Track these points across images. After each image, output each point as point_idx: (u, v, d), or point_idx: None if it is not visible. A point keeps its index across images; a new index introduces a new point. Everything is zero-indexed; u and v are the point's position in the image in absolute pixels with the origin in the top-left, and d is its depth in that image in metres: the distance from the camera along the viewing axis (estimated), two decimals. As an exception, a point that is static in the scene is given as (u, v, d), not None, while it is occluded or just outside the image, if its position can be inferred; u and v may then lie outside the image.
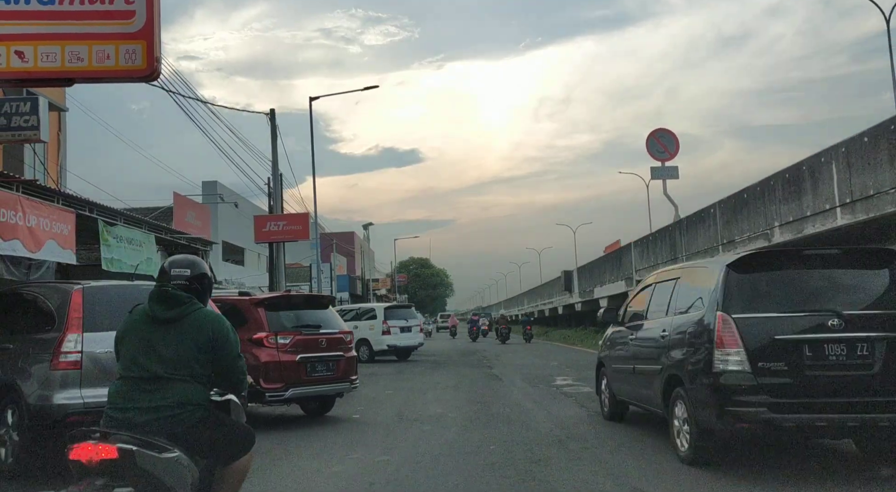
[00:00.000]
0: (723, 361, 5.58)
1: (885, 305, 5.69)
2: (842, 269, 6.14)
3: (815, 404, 5.36)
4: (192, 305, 3.35)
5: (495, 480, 5.71)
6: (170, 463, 2.95)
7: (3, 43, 10.28)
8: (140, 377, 3.20)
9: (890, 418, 5.28)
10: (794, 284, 5.95)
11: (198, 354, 3.25)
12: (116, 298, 6.56)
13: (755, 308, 5.71)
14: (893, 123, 10.01)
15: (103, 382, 5.96)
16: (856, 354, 5.46)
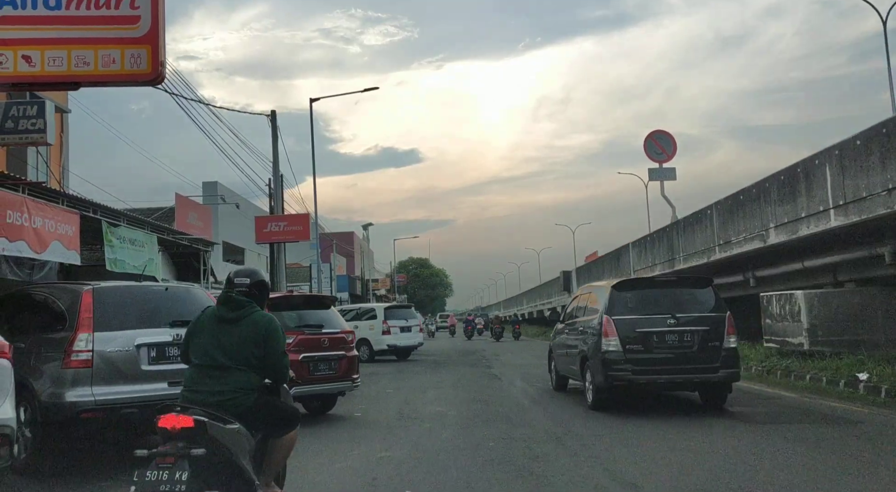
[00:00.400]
0: (606, 345, 9.20)
1: (701, 311, 9.44)
2: (678, 288, 9.91)
3: (658, 369, 9.09)
4: (251, 308, 4.10)
5: (494, 475, 5.88)
6: (232, 433, 3.70)
7: (10, 47, 10.47)
8: (208, 365, 3.95)
9: (700, 377, 9.16)
10: (648, 297, 9.62)
11: (253, 349, 3.97)
12: (125, 299, 6.75)
13: (625, 312, 9.37)
14: (885, 126, 10.18)
15: (113, 380, 6.17)
16: (684, 340, 9.13)
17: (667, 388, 9.81)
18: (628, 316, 9.25)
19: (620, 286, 9.85)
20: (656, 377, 9.11)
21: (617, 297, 9.55)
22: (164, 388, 6.36)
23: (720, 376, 9.08)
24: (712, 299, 9.63)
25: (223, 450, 3.62)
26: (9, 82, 10.48)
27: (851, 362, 11.24)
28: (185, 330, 6.63)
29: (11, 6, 10.33)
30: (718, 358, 9.07)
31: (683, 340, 9.07)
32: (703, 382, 9.25)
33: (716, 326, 9.21)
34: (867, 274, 12.44)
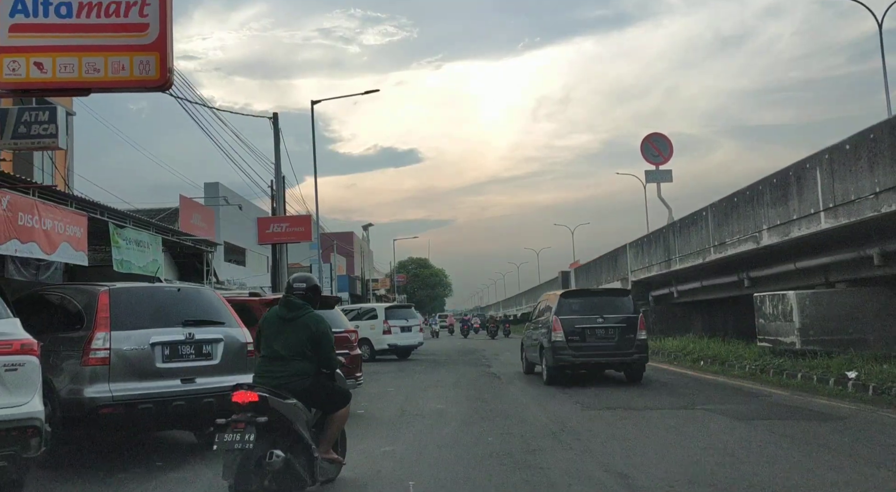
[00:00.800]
0: (555, 337, 12.63)
1: (621, 313, 12.91)
2: (606, 297, 14.12)
3: (590, 354, 12.57)
4: (305, 310, 5.16)
5: (493, 468, 6.18)
6: (290, 406, 4.80)
7: (23, 54, 10.78)
8: (272, 356, 5.06)
9: (619, 359, 12.67)
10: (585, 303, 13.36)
11: (306, 344, 5.03)
12: (140, 299, 7.04)
13: (568, 314, 12.92)
14: (872, 131, 10.47)
15: (129, 377, 6.45)
16: (608, 333, 12.67)
17: (597, 367, 13.35)
18: (570, 316, 12.82)
19: (566, 295, 13.82)
20: (589, 359, 12.74)
21: (563, 302, 13.22)
22: (178, 384, 6.65)
23: (634, 358, 12.73)
24: (630, 305, 13.37)
25: (283, 419, 4.70)
26: (21, 88, 10.82)
27: (841, 361, 11.54)
28: (196, 329, 6.97)
29: (24, 14, 10.63)
30: (633, 346, 12.68)
31: (608, 333, 12.73)
32: (622, 362, 12.90)
33: (631, 324, 12.81)
34: (857, 275, 12.73)
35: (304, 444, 4.83)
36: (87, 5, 10.57)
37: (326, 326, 5.19)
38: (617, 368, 13.27)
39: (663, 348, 19.66)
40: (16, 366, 4.53)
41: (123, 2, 10.73)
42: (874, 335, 12.54)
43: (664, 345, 19.95)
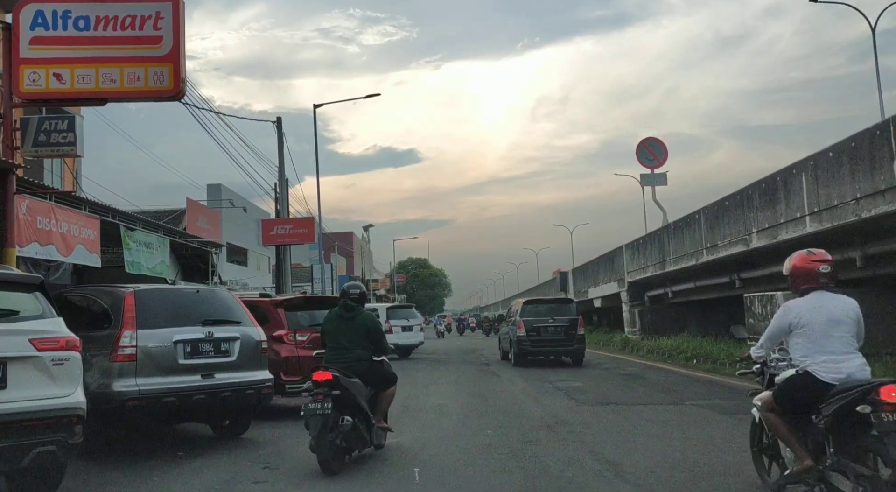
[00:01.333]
0: (519, 333, 17.55)
1: (566, 315, 17.82)
2: (557, 304, 18.82)
3: (544, 345, 17.26)
4: (359, 310, 6.90)
5: (492, 456, 6.68)
6: (354, 384, 6.34)
7: (42, 66, 11.33)
8: (337, 346, 6.70)
9: (564, 349, 17.60)
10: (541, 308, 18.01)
11: (363, 336, 6.70)
12: (162, 300, 7.54)
13: (529, 316, 17.62)
14: (854, 140, 10.97)
15: (154, 372, 6.94)
16: (557, 330, 17.36)
17: (549, 355, 17.91)
18: (530, 318, 17.61)
19: (527, 303, 18.81)
20: (543, 348, 17.53)
21: (525, 308, 18.16)
22: (198, 379, 7.14)
23: (575, 348, 17.59)
24: (574, 310, 18.32)
25: (349, 393, 6.21)
26: (41, 99, 11.33)
27: (825, 359, 12.01)
28: (214, 328, 7.46)
29: (44, 27, 11.18)
30: (574, 339, 17.53)
31: (557, 330, 17.47)
32: (566, 351, 17.70)
33: (573, 323, 17.60)
34: (842, 276, 13.20)
35: (364, 413, 6.45)
36: (104, 19, 11.13)
37: (378, 323, 7.02)
38: (563, 355, 17.96)
39: (658, 348, 20.16)
40: (62, 361, 5.02)
41: (139, 15, 11.30)
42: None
43: (659, 344, 20.44)
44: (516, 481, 5.67)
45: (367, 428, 6.49)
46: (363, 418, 6.42)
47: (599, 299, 30.69)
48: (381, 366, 6.85)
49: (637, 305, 25.03)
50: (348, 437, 6.16)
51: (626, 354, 22.23)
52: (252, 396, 7.58)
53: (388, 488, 5.61)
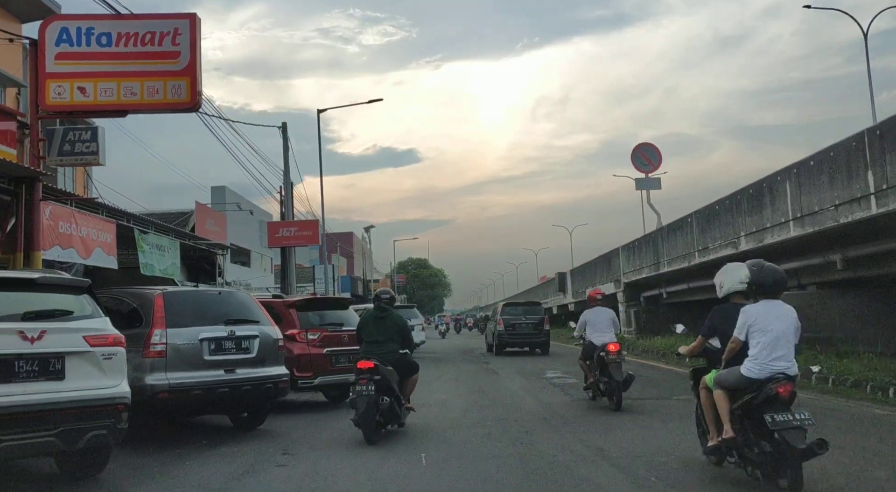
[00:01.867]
0: (498, 328, 22.98)
1: (535, 314, 23.37)
2: (528, 305, 24.64)
3: (518, 338, 22.76)
4: (390, 311, 8.28)
5: (492, 443, 7.33)
6: (388, 371, 7.77)
7: (67, 80, 12.01)
8: (373, 341, 8.05)
9: (534, 341, 22.81)
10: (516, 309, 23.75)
11: (394, 333, 8.10)
12: (188, 301, 8.19)
13: (506, 314, 23.01)
14: (833, 149, 11.62)
15: (182, 367, 7.58)
16: (528, 326, 22.76)
17: (522, 345, 22.83)
18: (507, 316, 22.73)
19: (505, 305, 24.60)
20: (517, 340, 22.44)
21: (504, 308, 23.82)
22: (221, 374, 7.79)
23: (542, 340, 22.22)
24: (541, 310, 23.51)
25: (386, 379, 7.68)
26: (66, 111, 11.99)
27: (807, 357, 12.68)
28: (236, 327, 8.09)
29: (68, 43, 11.86)
30: (542, 334, 22.25)
31: (528, 326, 22.42)
32: (535, 343, 22.39)
33: (541, 321, 22.51)
34: (824, 278, 13.88)
35: (396, 395, 7.87)
36: (125, 35, 11.80)
37: (405, 322, 8.56)
38: (533, 346, 22.77)
39: (652, 347, 20.81)
40: (111, 355, 5.65)
41: (158, 32, 11.97)
42: (839, 334, 13.68)
43: (653, 344, 21.10)
44: (512, 465, 6.31)
45: (399, 407, 7.88)
46: (395, 399, 7.81)
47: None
48: (407, 357, 8.29)
49: (633, 305, 25.69)
50: (385, 414, 7.62)
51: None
52: (270, 390, 8.22)
53: (399, 470, 6.24)
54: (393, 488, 5.57)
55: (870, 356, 11.52)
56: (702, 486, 5.38)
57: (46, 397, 5.14)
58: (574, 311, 38.89)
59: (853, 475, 5.72)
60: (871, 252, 11.86)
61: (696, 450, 6.77)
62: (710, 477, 5.70)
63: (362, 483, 5.74)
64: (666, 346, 19.81)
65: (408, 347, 8.28)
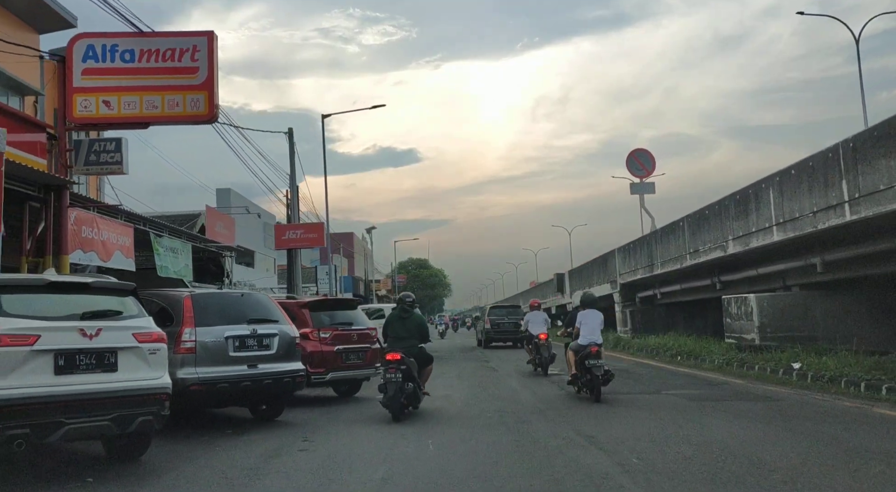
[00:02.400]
0: (486, 325, 28.69)
1: (516, 316, 27.83)
2: (510, 307, 31.17)
3: (502, 335, 28.20)
4: (412, 311, 9.85)
5: (491, 432, 8.07)
6: (411, 361, 9.30)
7: (93, 94, 12.81)
8: (397, 337, 9.55)
9: (514, 338, 26.32)
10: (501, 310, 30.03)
11: (416, 330, 9.64)
12: (214, 302, 8.94)
13: (493, 315, 29.27)
14: (812, 160, 12.36)
15: (210, 363, 8.32)
16: (510, 324, 27.73)
17: (505, 341, 27.97)
18: (493, 317, 28.48)
19: (492, 308, 31.08)
20: (500, 336, 27.93)
21: (490, 310, 29.93)
22: (245, 369, 8.53)
23: (519, 337, 21.85)
24: (521, 313, 25.81)
25: (409, 368, 9.13)
26: (91, 123, 12.75)
27: (790, 354, 13.44)
28: (258, 326, 8.81)
29: (94, 60, 12.65)
30: (518, 332, 22.51)
31: (509, 325, 27.19)
32: (515, 339, 25.53)
33: (519, 320, 23.40)
34: (807, 280, 14.63)
35: (417, 382, 9.39)
36: (147, 52, 12.62)
37: (424, 320, 10.13)
38: (514, 342, 26.34)
39: (646, 345, 21.56)
40: (155, 351, 6.39)
41: (178, 48, 12.78)
42: (821, 332, 14.43)
43: (647, 342, 21.85)
44: (509, 449, 7.06)
45: (419, 392, 9.46)
46: (416, 385, 9.34)
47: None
48: (424, 351, 9.79)
49: (628, 305, 26.44)
50: (409, 397, 9.22)
51: (618, 351, 23.60)
52: (289, 383, 8.97)
53: (409, 454, 6.98)
54: (404, 468, 6.31)
55: (846, 354, 12.26)
56: (675, 465, 6.12)
57: (103, 387, 5.88)
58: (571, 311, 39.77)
59: (805, 456, 6.45)
60: (848, 256, 12.60)
61: (675, 436, 7.53)
62: (683, 458, 6.44)
63: (377, 464, 6.48)
64: (659, 344, 20.56)
65: (425, 341, 9.81)
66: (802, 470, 5.83)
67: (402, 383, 8.98)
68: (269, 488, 5.68)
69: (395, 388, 8.92)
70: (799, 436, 7.48)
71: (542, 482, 5.60)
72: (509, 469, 6.13)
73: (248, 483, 5.81)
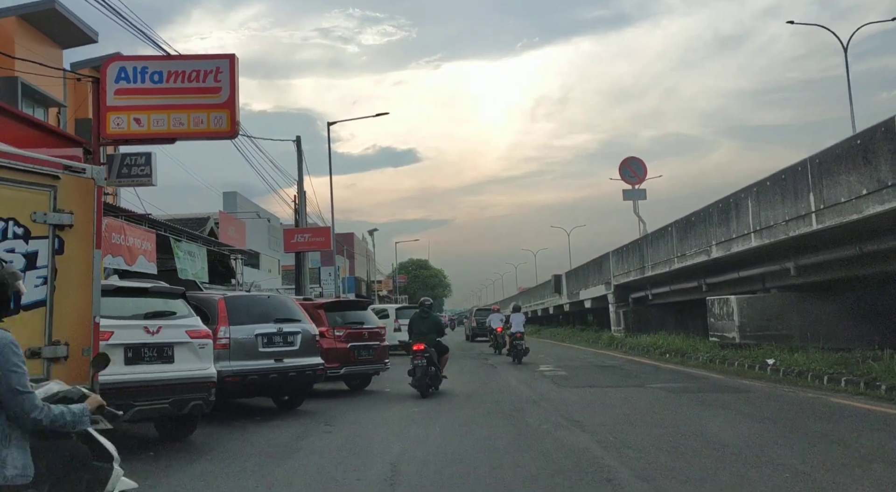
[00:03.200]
0: (472, 324, 39.58)
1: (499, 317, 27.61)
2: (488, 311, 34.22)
3: (482, 333, 33.94)
4: (432, 312, 12.85)
5: (489, 417, 9.19)
6: (432, 351, 12.00)
7: (125, 112, 13.93)
8: (419, 333, 12.19)
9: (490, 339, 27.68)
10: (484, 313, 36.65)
11: (434, 328, 12.40)
12: (244, 303, 10.06)
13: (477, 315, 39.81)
14: (784, 173, 13.48)
15: (242, 357, 9.43)
16: (486, 325, 29.70)
17: (485, 335, 30.64)
18: (478, 317, 37.73)
19: (477, 310, 43.37)
20: (483, 332, 32.63)
21: (475, 312, 42.31)
22: (272, 363, 9.64)
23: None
24: (501, 315, 26.28)
25: (432, 356, 11.85)
26: (123, 139, 13.85)
27: (765, 351, 14.56)
28: (283, 324, 9.90)
29: (126, 81, 13.78)
30: (493, 331, 26.04)
31: (486, 325, 29.05)
32: None
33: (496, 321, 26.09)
34: (783, 283, 15.74)
35: (437, 367, 11.90)
36: (174, 73, 13.74)
37: (440, 319, 13.15)
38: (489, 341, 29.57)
39: (638, 344, 22.69)
40: (203, 345, 7.50)
41: (202, 70, 13.91)
42: (796, 331, 15.54)
43: (639, 341, 22.97)
44: (504, 431, 8.18)
45: (439, 374, 12.04)
46: (437, 369, 11.91)
47: (590, 300, 33.20)
48: (441, 343, 12.29)
49: (622, 306, 27.55)
50: (433, 379, 11.79)
51: (611, 350, 24.74)
52: (310, 376, 10.09)
53: (419, 435, 8.10)
54: (415, 445, 7.42)
55: (815, 351, 13.37)
56: (644, 441, 7.22)
57: (163, 375, 7.00)
58: (569, 311, 40.83)
59: (758, 436, 7.57)
60: (817, 261, 13.72)
61: (650, 420, 8.66)
62: (653, 436, 7.55)
63: (392, 442, 7.60)
64: (650, 343, 21.68)
65: (441, 336, 12.47)
66: (750, 445, 6.94)
67: (426, 368, 11.56)
68: (304, 460, 6.80)
69: (421, 371, 11.51)
70: (756, 420, 8.61)
71: (533, 455, 6.72)
72: (506, 445, 7.25)
73: (285, 456, 6.93)
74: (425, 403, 10.97)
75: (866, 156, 10.59)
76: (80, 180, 5.32)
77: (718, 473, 5.80)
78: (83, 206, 5.29)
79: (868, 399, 9.98)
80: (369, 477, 5.95)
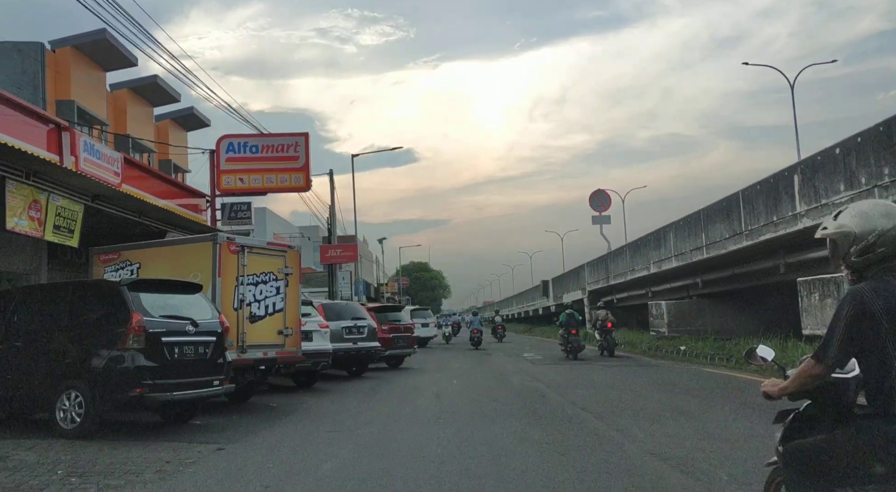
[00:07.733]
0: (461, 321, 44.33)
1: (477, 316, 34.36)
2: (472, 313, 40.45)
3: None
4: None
5: (487, 380, 15.09)
6: None
7: (232, 174, 20.05)
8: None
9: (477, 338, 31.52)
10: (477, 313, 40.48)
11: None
12: (333, 307, 15.99)
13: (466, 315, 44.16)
14: (690, 217, 19.43)
15: (335, 341, 15.28)
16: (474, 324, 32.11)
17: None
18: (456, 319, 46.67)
19: (473, 311, 44.62)
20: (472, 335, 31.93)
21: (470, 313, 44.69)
22: (351, 345, 15.51)
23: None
24: (481, 318, 35.34)
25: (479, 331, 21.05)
26: (231, 193, 19.77)
27: (682, 341, 20.51)
28: (357, 321, 15.95)
29: (233, 152, 19.82)
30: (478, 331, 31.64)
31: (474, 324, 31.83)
32: None
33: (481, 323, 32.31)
34: (699, 292, 21.71)
35: None
36: (267, 146, 19.84)
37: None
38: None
39: (603, 338, 28.67)
40: (326, 333, 13.37)
41: (286, 144, 20.00)
42: (710, 327, 21.50)
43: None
44: (496, 388, 14.08)
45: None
46: None
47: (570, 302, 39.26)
48: None
49: (595, 308, 33.59)
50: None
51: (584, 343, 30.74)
52: (374, 353, 16.00)
53: (445, 387, 13.95)
54: (445, 388, 13.26)
55: (711, 340, 19.33)
56: (575, 386, 13.07)
57: (308, 348, 12.87)
58: (554, 311, 46.91)
59: (643, 385, 13.49)
60: (713, 277, 19.68)
61: (586, 379, 14.63)
62: (580, 385, 13.48)
63: (431, 388, 13.46)
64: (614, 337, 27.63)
65: None
66: (634, 388, 12.83)
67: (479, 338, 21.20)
68: (386, 395, 12.69)
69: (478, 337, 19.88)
70: (648, 378, 14.57)
71: (509, 391, 12.63)
72: (496, 387, 13.15)
73: (372, 395, 12.82)
74: (444, 372, 16.85)
75: (728, 213, 16.55)
76: (293, 252, 11.24)
77: (611, 399, 11.72)
78: (295, 264, 11.18)
79: (723, 368, 15.94)
80: (426, 396, 11.86)
